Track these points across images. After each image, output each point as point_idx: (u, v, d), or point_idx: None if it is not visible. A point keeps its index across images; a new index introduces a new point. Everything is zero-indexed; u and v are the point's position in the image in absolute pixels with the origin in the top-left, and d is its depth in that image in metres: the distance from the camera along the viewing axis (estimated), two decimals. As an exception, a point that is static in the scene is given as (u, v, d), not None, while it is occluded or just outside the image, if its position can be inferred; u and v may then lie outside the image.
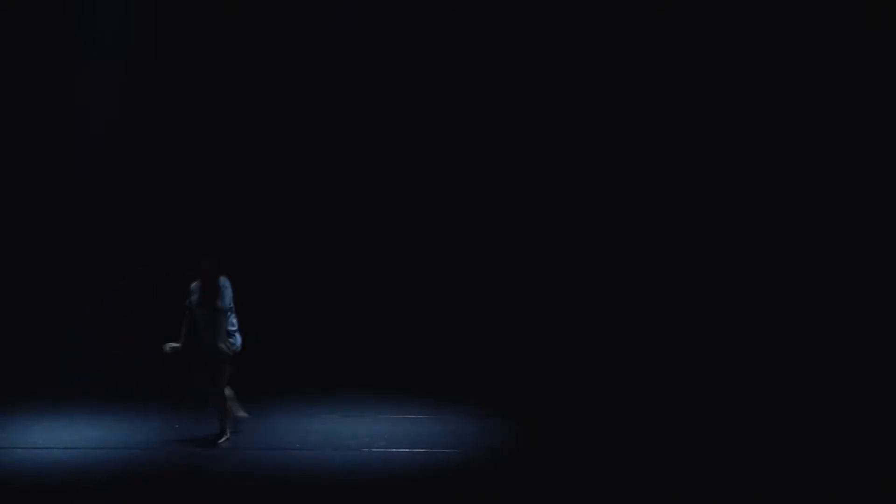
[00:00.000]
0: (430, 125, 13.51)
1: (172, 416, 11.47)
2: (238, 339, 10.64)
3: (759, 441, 10.62)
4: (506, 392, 12.42)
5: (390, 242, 13.44)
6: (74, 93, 13.41)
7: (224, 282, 10.56)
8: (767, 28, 13.24)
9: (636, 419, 11.37)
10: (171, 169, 13.51)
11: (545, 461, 10.20)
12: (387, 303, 13.31)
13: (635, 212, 13.43)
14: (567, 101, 13.42)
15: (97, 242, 13.43)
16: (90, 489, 9.39)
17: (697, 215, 13.35)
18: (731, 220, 13.34)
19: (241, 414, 10.86)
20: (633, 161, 13.41)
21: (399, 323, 13.14)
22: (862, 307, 12.90)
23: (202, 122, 13.43)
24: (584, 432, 11.04)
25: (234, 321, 10.61)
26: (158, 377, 12.60)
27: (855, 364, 12.49)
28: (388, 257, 13.43)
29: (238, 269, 13.26)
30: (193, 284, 10.60)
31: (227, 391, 10.68)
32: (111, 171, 13.48)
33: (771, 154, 13.31)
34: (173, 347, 10.55)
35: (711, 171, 13.35)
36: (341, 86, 13.60)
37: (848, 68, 13.06)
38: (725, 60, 13.30)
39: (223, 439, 10.63)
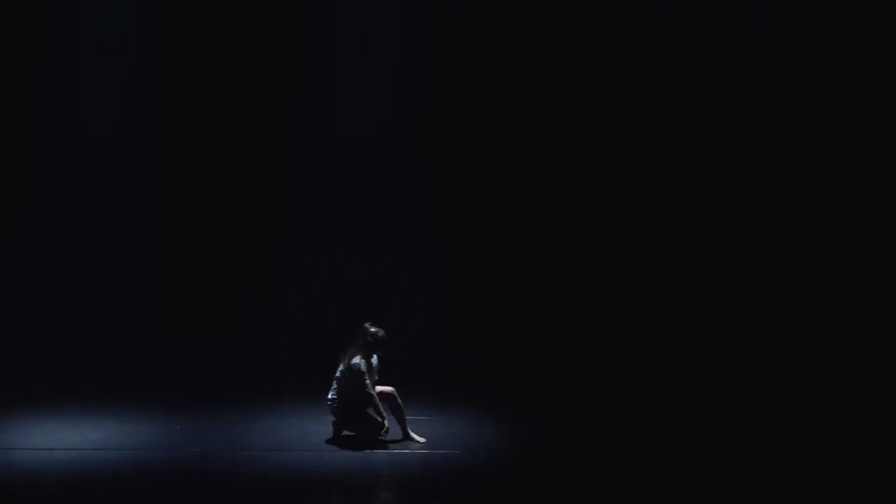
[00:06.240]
0: (429, 126, 13.53)
1: (173, 417, 11.46)
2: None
3: (760, 441, 10.64)
4: (508, 393, 12.43)
5: (390, 243, 13.46)
6: (74, 93, 13.39)
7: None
8: (765, 28, 13.26)
9: (638, 419, 11.38)
10: (172, 170, 13.51)
11: (547, 461, 10.21)
12: (387, 303, 13.31)
13: (638, 213, 13.44)
14: (568, 101, 13.42)
15: (97, 242, 13.42)
16: (91, 490, 9.39)
17: (699, 215, 13.36)
18: (731, 219, 13.35)
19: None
20: (635, 162, 13.42)
21: (400, 323, 13.13)
22: (862, 307, 12.93)
23: (204, 124, 13.43)
24: (585, 432, 11.05)
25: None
26: (159, 379, 12.64)
27: (855, 364, 12.52)
28: (388, 257, 13.44)
29: (238, 270, 13.41)
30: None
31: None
32: (111, 171, 13.47)
33: (771, 154, 13.33)
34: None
35: (712, 171, 13.37)
36: (341, 86, 13.60)
37: (848, 68, 13.08)
38: (725, 60, 13.31)
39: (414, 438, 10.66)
